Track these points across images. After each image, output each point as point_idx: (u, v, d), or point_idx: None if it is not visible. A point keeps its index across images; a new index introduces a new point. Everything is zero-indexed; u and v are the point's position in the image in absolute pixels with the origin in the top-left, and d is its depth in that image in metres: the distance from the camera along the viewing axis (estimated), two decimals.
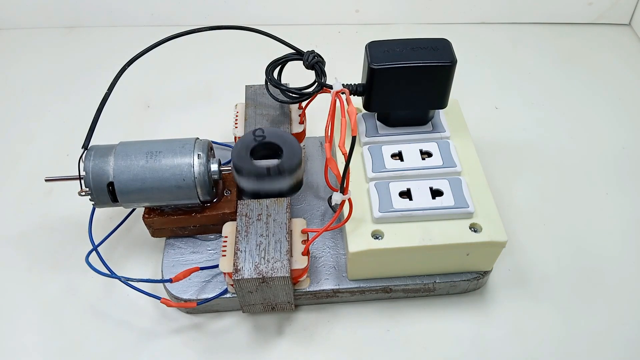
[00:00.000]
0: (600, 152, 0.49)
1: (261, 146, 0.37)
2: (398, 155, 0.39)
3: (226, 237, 0.35)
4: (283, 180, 0.36)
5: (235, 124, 0.42)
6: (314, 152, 0.46)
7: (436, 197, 0.36)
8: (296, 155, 0.36)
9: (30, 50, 0.61)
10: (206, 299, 0.36)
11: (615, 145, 0.50)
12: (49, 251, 0.42)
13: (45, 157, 0.49)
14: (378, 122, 0.40)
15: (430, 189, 0.36)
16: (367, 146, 0.39)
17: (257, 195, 0.37)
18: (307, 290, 0.37)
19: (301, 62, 0.38)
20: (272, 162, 0.37)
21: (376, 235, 0.35)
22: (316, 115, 0.45)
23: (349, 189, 0.33)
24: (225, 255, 0.34)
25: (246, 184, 0.37)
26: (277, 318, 0.38)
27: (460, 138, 0.40)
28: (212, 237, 0.40)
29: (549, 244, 0.42)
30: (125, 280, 0.35)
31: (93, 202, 0.36)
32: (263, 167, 0.36)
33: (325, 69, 0.38)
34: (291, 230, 0.35)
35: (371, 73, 0.36)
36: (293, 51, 0.39)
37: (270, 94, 0.40)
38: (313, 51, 0.38)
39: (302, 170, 0.37)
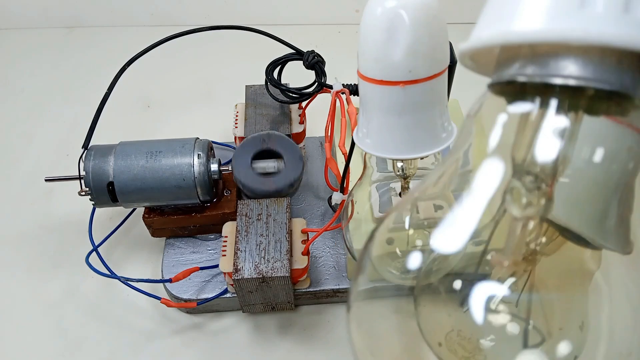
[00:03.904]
0: None
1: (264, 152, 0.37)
2: None
3: (226, 237, 0.35)
4: (283, 191, 0.37)
5: (235, 124, 0.42)
6: (314, 152, 0.46)
7: None
8: (297, 170, 0.37)
9: (30, 50, 0.61)
10: (206, 299, 0.36)
11: None
12: (49, 251, 0.42)
13: (45, 157, 0.49)
14: None
15: None
16: None
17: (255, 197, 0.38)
18: (307, 290, 0.37)
19: (301, 62, 0.38)
20: (271, 165, 0.37)
21: None
22: (316, 115, 0.45)
23: (349, 189, 0.33)
24: (225, 255, 0.34)
25: (247, 192, 0.37)
26: (277, 318, 0.38)
27: None
28: (212, 237, 0.40)
29: None
30: (125, 281, 0.35)
31: (93, 202, 0.36)
32: (267, 190, 0.37)
33: (325, 69, 0.38)
34: (291, 230, 0.35)
35: None
36: (293, 51, 0.39)
37: (270, 94, 0.40)
38: (313, 51, 0.38)
39: (300, 178, 0.38)
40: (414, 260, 0.25)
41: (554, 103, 0.18)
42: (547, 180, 0.20)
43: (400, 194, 0.36)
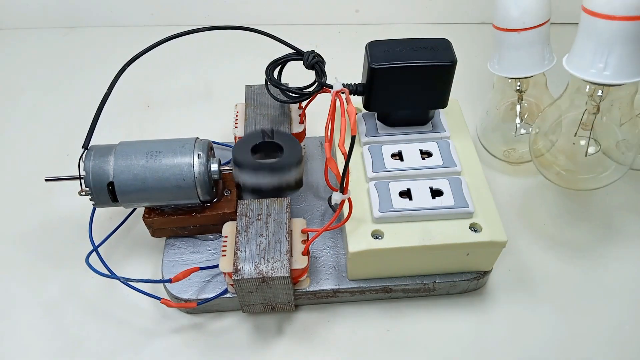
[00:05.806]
0: None
1: (263, 145, 0.37)
2: (398, 155, 0.39)
3: (226, 237, 0.35)
4: (282, 175, 0.36)
5: (235, 124, 0.42)
6: (314, 152, 0.46)
7: (436, 197, 0.36)
8: (296, 151, 0.36)
9: (30, 50, 0.61)
10: (206, 299, 0.36)
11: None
12: (49, 251, 0.42)
13: (45, 157, 0.49)
14: (378, 122, 0.40)
15: (430, 188, 0.36)
16: (367, 146, 0.39)
17: (256, 192, 0.37)
18: (307, 290, 0.37)
19: (301, 62, 0.38)
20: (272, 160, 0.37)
21: (376, 235, 0.35)
22: (316, 115, 0.45)
23: (349, 188, 0.33)
24: (225, 255, 0.34)
25: (246, 178, 0.37)
26: (277, 318, 0.38)
27: (460, 138, 0.40)
28: (212, 237, 0.40)
29: (549, 243, 0.42)
30: (125, 281, 0.35)
31: (93, 202, 0.36)
32: (263, 162, 0.36)
33: (325, 68, 0.38)
34: (291, 230, 0.35)
35: (371, 73, 0.36)
36: (293, 51, 0.39)
37: (271, 94, 0.40)
38: (313, 51, 0.38)
39: (301, 168, 0.37)
40: None
41: None
42: None
43: None
